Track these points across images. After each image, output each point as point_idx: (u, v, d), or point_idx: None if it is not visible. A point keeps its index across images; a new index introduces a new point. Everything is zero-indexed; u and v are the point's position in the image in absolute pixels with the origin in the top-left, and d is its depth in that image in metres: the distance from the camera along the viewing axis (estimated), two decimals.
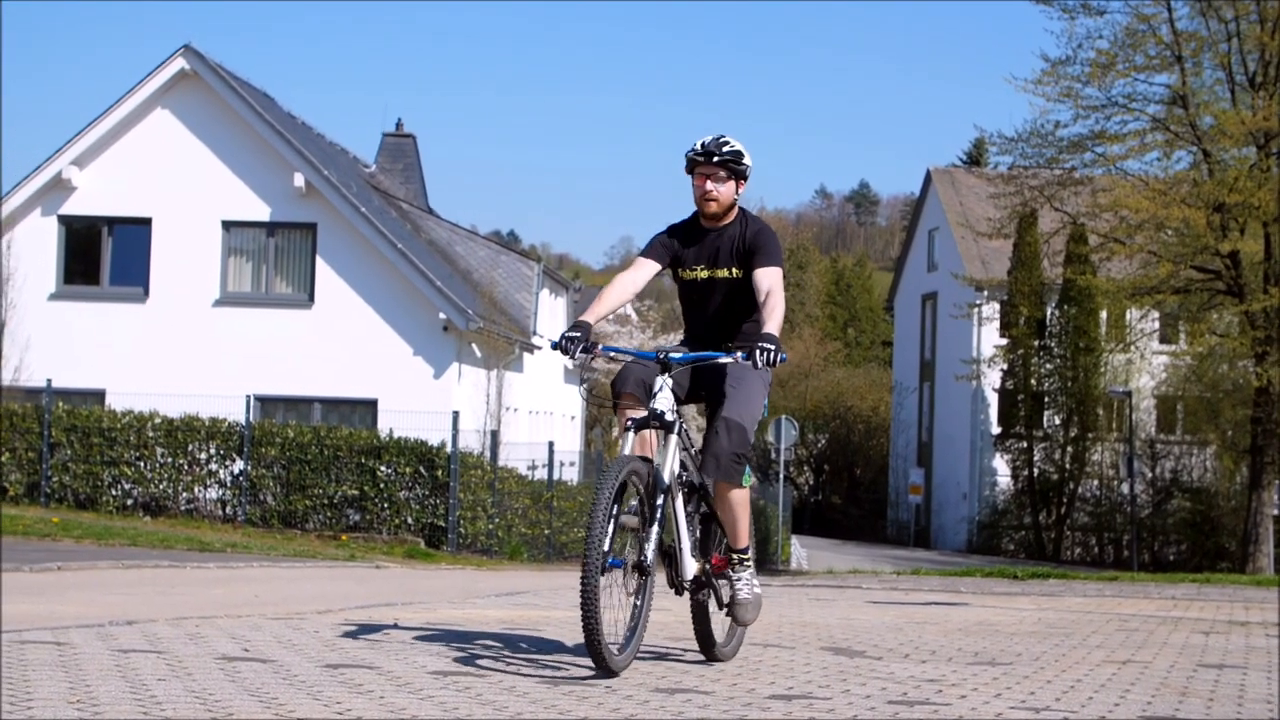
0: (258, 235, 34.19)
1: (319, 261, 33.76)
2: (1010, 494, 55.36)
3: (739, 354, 7.31)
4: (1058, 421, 52.80)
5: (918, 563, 39.07)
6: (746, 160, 7.80)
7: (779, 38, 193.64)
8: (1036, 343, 53.06)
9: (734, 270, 7.80)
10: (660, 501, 7.12)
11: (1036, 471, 53.23)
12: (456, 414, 28.96)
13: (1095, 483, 52.96)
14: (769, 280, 7.61)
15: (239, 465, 28.50)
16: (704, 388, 7.78)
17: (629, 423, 7.32)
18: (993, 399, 56.87)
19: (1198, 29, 37.40)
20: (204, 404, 29.38)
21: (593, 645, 6.70)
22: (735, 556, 7.76)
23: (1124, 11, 38.17)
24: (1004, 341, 53.68)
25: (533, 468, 32.71)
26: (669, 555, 7.51)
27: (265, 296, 33.98)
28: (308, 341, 33.24)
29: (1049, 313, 53.01)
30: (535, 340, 40.38)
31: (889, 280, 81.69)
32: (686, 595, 7.69)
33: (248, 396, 29.18)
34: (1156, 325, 46.96)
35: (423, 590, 16.00)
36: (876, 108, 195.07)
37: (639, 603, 7.10)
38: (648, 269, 7.90)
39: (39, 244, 33.85)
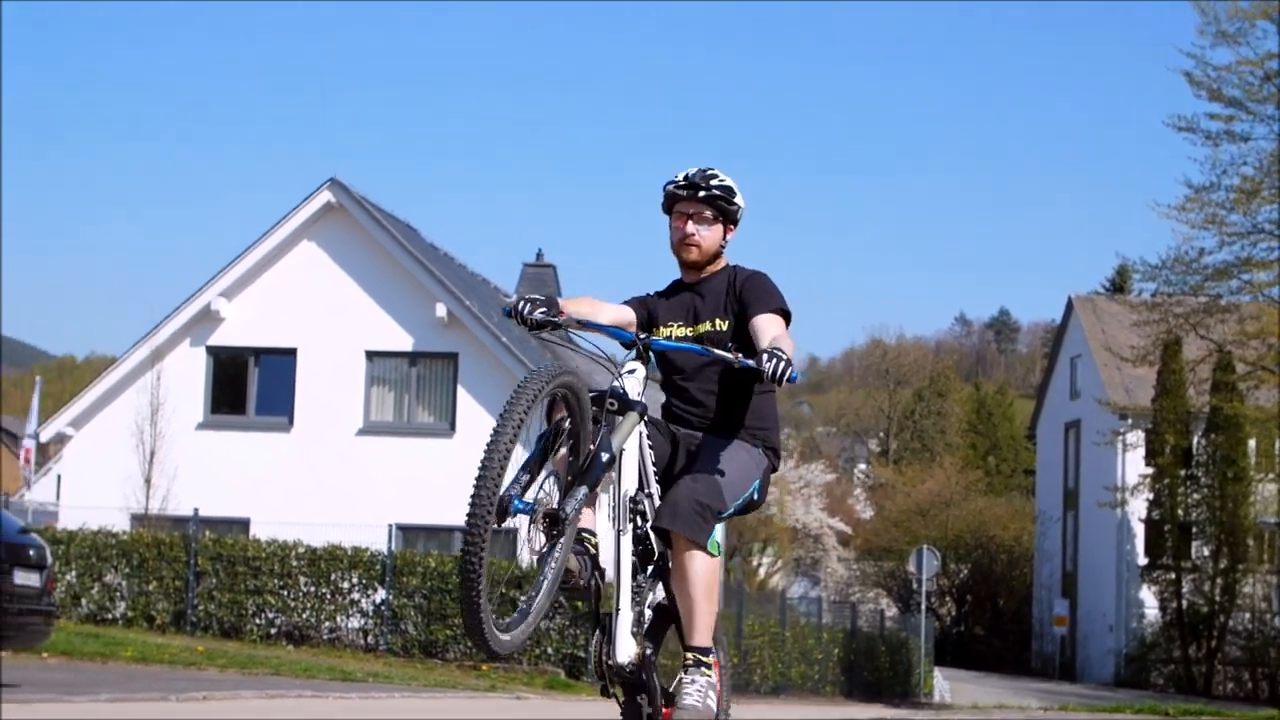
0: (400, 365, 34.55)
1: (460, 391, 34.03)
2: (1158, 626, 54.09)
3: (740, 356, 5.94)
4: (1206, 552, 51.58)
5: (1064, 697, 38.35)
6: (738, 200, 6.43)
7: (917, 165, 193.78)
8: (1183, 472, 51.95)
9: (719, 323, 6.40)
10: (604, 460, 5.81)
11: (1185, 603, 51.92)
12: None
13: (1247, 615, 51.67)
14: (772, 326, 6.18)
15: (380, 594, 28.56)
16: (684, 462, 6.38)
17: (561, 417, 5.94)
18: (1139, 529, 55.85)
19: None
20: (346, 533, 29.45)
21: (471, 616, 5.51)
22: (691, 656, 6.11)
23: (1269, 138, 37.88)
24: (1149, 470, 52.71)
25: None
26: (602, 625, 6.16)
27: (407, 426, 34.26)
28: (449, 470, 33.32)
29: (1195, 441, 51.98)
30: None
31: (1030, 408, 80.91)
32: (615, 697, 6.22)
33: (389, 525, 29.33)
34: None
35: None
36: (1016, 235, 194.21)
37: (548, 565, 5.85)
38: (621, 313, 6.54)
39: (187, 374, 34.42)
